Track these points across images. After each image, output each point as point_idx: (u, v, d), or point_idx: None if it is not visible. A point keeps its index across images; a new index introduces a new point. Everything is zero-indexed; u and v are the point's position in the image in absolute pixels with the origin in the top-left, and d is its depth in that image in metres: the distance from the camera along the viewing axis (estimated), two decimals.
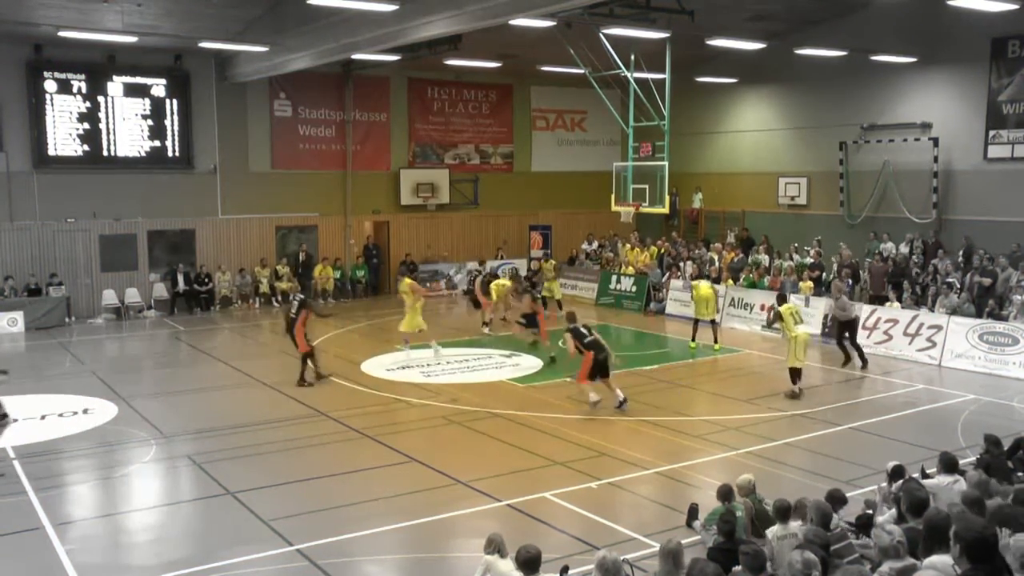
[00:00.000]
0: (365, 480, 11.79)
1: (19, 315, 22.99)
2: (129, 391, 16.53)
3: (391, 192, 29.89)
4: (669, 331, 22.77)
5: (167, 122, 25.97)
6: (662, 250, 27.75)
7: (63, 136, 24.64)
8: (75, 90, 24.72)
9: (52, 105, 24.44)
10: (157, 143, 25.93)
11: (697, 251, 27.36)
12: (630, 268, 27.48)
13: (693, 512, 9.89)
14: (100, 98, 25.04)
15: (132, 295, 25.61)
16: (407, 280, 20.51)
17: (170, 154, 26.16)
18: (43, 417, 14.92)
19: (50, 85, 24.37)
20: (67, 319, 24.04)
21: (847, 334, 18.77)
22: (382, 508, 10.68)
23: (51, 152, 24.49)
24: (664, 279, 25.86)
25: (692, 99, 29.28)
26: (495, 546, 7.43)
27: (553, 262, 27.12)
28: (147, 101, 25.69)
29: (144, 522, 10.66)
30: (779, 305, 16.66)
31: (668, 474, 11.97)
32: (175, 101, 26.03)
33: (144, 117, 25.65)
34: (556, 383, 17.08)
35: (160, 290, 26.16)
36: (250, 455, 12.85)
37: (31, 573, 9.16)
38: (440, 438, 13.65)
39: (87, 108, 24.89)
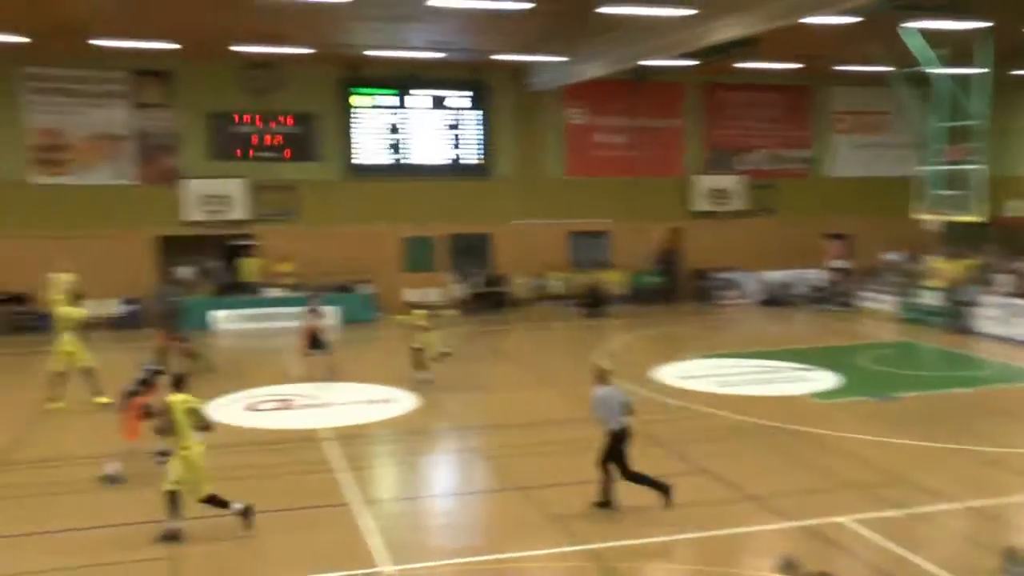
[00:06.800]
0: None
1: (336, 310, 25.24)
2: (429, 386, 17.29)
3: (684, 198, 29.72)
4: (981, 351, 20.74)
5: (466, 132, 27.67)
6: (976, 264, 25.25)
7: (371, 147, 27.03)
8: (381, 104, 27.04)
9: (361, 118, 26.87)
10: (457, 152, 27.72)
11: (1018, 264, 24.63)
12: (937, 282, 25.29)
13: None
14: (404, 111, 27.21)
15: (432, 294, 27.31)
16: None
17: (469, 162, 27.83)
18: (351, 404, 16.26)
19: (359, 100, 26.82)
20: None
21: (616, 455, 10.57)
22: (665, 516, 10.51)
23: (358, 161, 26.94)
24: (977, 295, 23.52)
25: (1006, 95, 26.34)
26: (792, 569, 7.07)
27: (423, 312, 18.54)
28: (447, 113, 27.52)
29: (442, 508, 11.41)
30: None
31: (980, 509, 10.82)
32: (474, 112, 27.71)
33: (446, 128, 27.51)
34: (857, 400, 16.07)
35: (458, 290, 27.80)
36: (538, 454, 13.17)
37: (337, 544, 9.88)
38: (728, 450, 13.24)
39: (392, 120, 27.13)
